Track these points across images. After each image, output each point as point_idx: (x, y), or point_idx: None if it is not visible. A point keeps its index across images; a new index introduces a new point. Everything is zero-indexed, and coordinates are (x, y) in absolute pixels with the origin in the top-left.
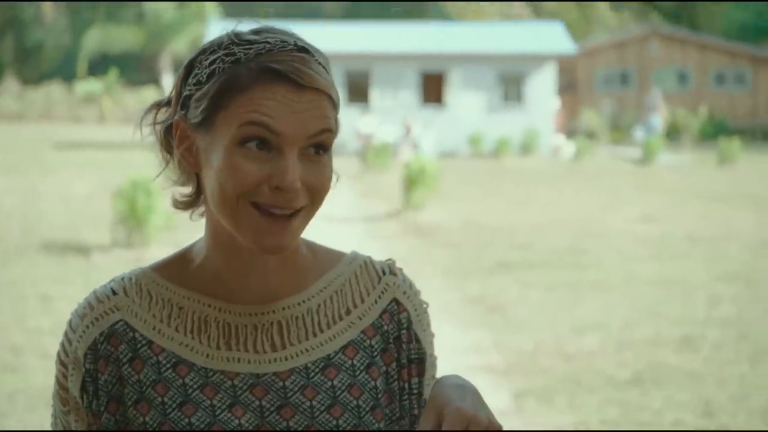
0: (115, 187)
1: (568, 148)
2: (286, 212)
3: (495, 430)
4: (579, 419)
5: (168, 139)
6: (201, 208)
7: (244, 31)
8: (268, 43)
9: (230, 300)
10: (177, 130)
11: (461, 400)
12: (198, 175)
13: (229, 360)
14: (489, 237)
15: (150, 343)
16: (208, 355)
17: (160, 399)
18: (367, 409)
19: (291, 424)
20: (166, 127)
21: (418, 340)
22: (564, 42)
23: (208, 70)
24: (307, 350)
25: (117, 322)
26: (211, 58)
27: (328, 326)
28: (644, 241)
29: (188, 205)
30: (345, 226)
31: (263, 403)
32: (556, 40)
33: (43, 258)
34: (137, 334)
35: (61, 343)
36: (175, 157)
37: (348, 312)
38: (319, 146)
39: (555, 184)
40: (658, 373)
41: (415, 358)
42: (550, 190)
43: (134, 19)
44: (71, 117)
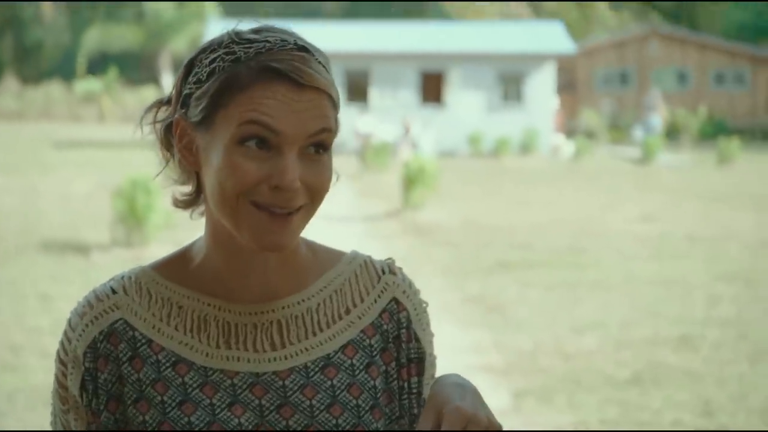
0: (115, 186)
1: (568, 147)
2: (285, 211)
3: (494, 430)
4: (578, 419)
5: (168, 137)
6: (201, 207)
7: (245, 30)
8: (269, 42)
9: (230, 299)
10: (177, 129)
11: (460, 399)
12: (198, 174)
13: (228, 359)
14: (488, 236)
15: (150, 341)
16: (207, 354)
17: (159, 398)
18: (367, 409)
19: (290, 423)
20: (167, 125)
21: (418, 340)
22: (563, 41)
23: (208, 69)
24: (307, 349)
25: (117, 321)
26: (212, 57)
27: (328, 325)
28: (644, 241)
29: (188, 204)
30: (344, 226)
31: (263, 402)
32: (556, 39)
33: (42, 257)
34: (137, 333)
35: (61, 342)
36: (176, 156)
37: (348, 311)
38: (319, 145)
39: (554, 184)
40: (657, 373)
41: (415, 357)
42: (550, 189)
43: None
44: (71, 116)
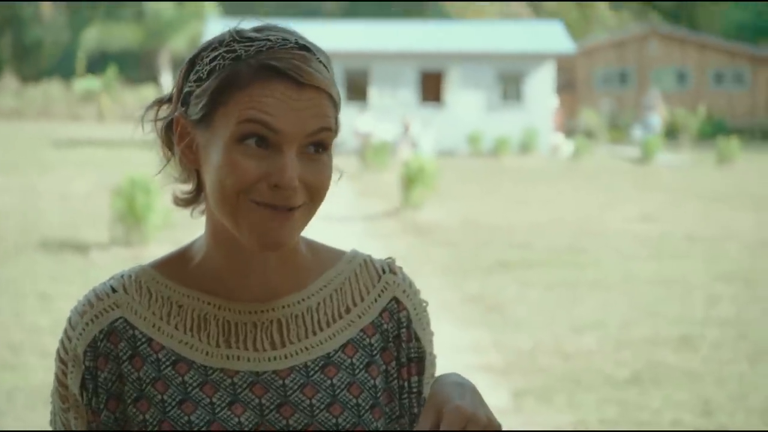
0: (114, 185)
1: (567, 147)
2: (285, 207)
3: (494, 429)
4: (578, 418)
5: (169, 135)
6: (201, 205)
7: (246, 28)
8: (269, 40)
9: (230, 298)
10: (177, 127)
11: (460, 399)
12: (198, 172)
13: (228, 358)
14: (488, 236)
15: (150, 340)
16: (207, 353)
17: (159, 397)
18: (367, 408)
19: (290, 422)
20: (167, 123)
21: (418, 339)
22: (563, 41)
23: (208, 67)
24: (307, 348)
25: (117, 320)
26: (212, 55)
27: (328, 324)
28: (643, 241)
29: (188, 203)
30: (344, 225)
31: (263, 401)
32: (556, 39)
33: (41, 256)
34: (137, 332)
35: (61, 341)
36: (176, 154)
37: (348, 310)
38: (319, 145)
39: (554, 183)
40: (656, 373)
41: (415, 356)
42: (549, 189)
43: (133, 17)
44: (70, 115)
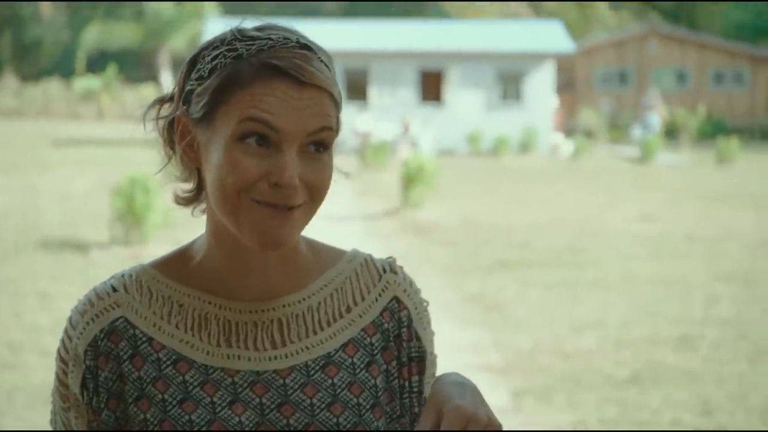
0: (114, 184)
1: (567, 146)
2: (285, 206)
3: (494, 429)
4: (577, 418)
5: (170, 134)
6: (202, 204)
7: (248, 27)
8: (271, 39)
9: (230, 297)
10: (179, 125)
11: (461, 398)
12: (199, 171)
13: (229, 357)
14: (487, 235)
15: (150, 340)
16: (208, 353)
17: (160, 396)
18: (368, 407)
19: (291, 421)
20: (169, 122)
21: (419, 339)
22: (563, 41)
23: (210, 66)
24: (308, 348)
25: (117, 319)
26: (214, 54)
27: (329, 324)
28: (643, 240)
29: (189, 201)
30: (343, 225)
31: (263, 400)
32: (555, 38)
33: (41, 255)
34: (137, 331)
35: (61, 340)
36: (177, 153)
37: (348, 310)
38: (319, 144)
39: (553, 183)
40: (656, 373)
41: (416, 356)
42: (549, 188)
43: (133, 16)
44: (69, 114)
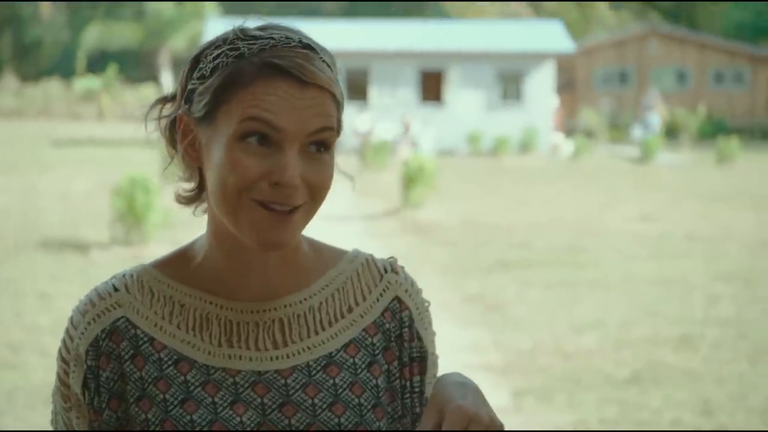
0: (114, 184)
1: (567, 146)
2: (285, 208)
3: (496, 429)
4: (578, 418)
5: (173, 133)
6: (204, 204)
7: (251, 27)
8: (273, 39)
9: (232, 297)
10: (180, 125)
11: (462, 398)
12: (201, 170)
13: (230, 357)
14: (488, 235)
15: (152, 340)
16: (209, 353)
17: (161, 396)
18: (369, 408)
19: (292, 422)
20: (171, 121)
21: (420, 339)
22: (563, 41)
23: (212, 65)
24: (309, 348)
25: (119, 319)
26: (216, 53)
27: (330, 324)
28: (643, 240)
29: (191, 201)
30: (343, 225)
31: (265, 400)
32: (556, 38)
33: (41, 255)
34: (139, 331)
35: (63, 340)
36: (179, 152)
37: (350, 310)
38: (320, 144)
39: (554, 183)
40: (656, 372)
41: (417, 356)
42: (549, 188)
43: (133, 16)
44: (70, 114)
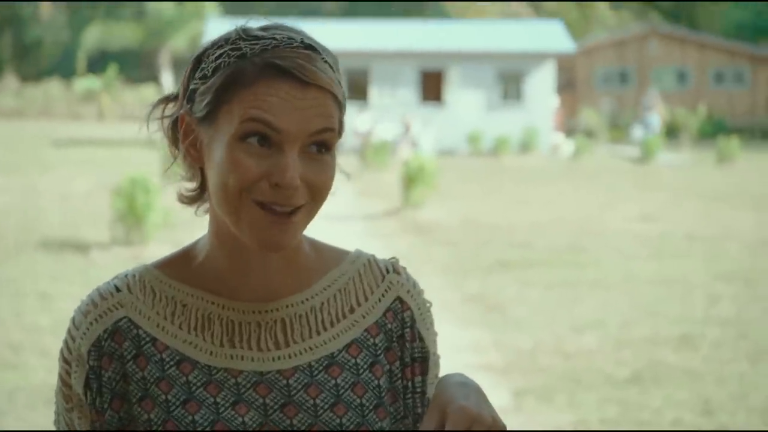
0: (114, 184)
1: (567, 146)
2: (286, 209)
3: (499, 429)
4: (578, 418)
5: (175, 133)
6: (206, 204)
7: (253, 27)
8: (275, 39)
9: (233, 297)
10: (182, 124)
11: (465, 399)
12: (202, 170)
13: (232, 357)
14: (488, 235)
15: (154, 340)
16: (211, 353)
17: (163, 396)
18: (371, 408)
19: (294, 422)
20: (173, 121)
21: (422, 339)
22: (563, 40)
23: (214, 65)
24: (311, 348)
25: (121, 319)
26: (218, 53)
27: (332, 324)
28: (643, 240)
29: (193, 200)
30: (344, 225)
31: (267, 401)
32: (556, 38)
33: (41, 255)
34: (141, 331)
35: (65, 340)
36: (181, 152)
37: (351, 310)
38: (321, 145)
39: (554, 183)
40: (657, 372)
41: (419, 356)
42: (549, 188)
43: (133, 16)
44: (70, 114)
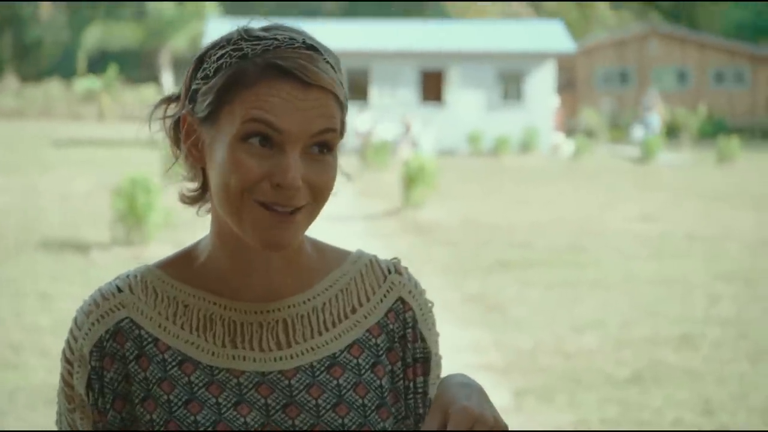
0: (115, 184)
1: (568, 146)
2: (287, 209)
3: (501, 429)
4: (579, 418)
5: (177, 133)
6: (208, 204)
7: (254, 27)
8: (277, 39)
9: (235, 298)
10: (184, 124)
11: (467, 399)
12: (204, 170)
13: (234, 358)
14: (488, 235)
15: (156, 340)
16: (213, 353)
17: (165, 397)
18: (373, 408)
19: (296, 422)
20: (175, 121)
21: (424, 339)
22: (563, 40)
23: (215, 65)
24: (313, 349)
25: (123, 320)
26: (220, 53)
27: (334, 325)
28: (643, 240)
29: (195, 201)
30: (344, 225)
31: (269, 401)
32: (556, 38)
33: (42, 256)
34: (143, 332)
35: (67, 341)
36: (182, 152)
37: (353, 311)
38: (323, 145)
39: (554, 183)
40: (657, 372)
41: (421, 357)
42: (550, 188)
43: (134, 16)
44: (70, 114)
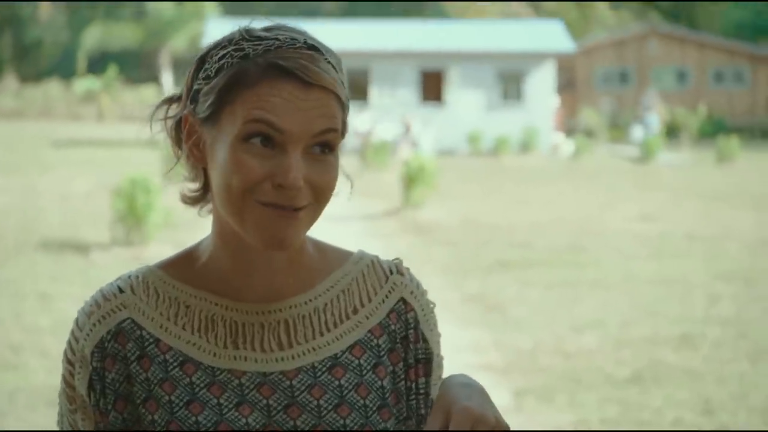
0: (114, 185)
1: (567, 146)
2: (289, 208)
3: (502, 430)
4: (579, 418)
5: (178, 134)
6: (209, 204)
7: (256, 27)
8: (278, 39)
9: (237, 298)
10: (185, 125)
11: (468, 400)
12: (206, 171)
13: (236, 359)
14: (488, 235)
15: (157, 341)
16: (215, 354)
17: (167, 397)
18: (374, 409)
19: (298, 423)
20: (177, 121)
21: (425, 340)
22: (563, 40)
23: (217, 65)
24: (314, 349)
25: (124, 320)
26: (221, 53)
27: (335, 325)
28: (643, 240)
29: (196, 201)
30: (344, 225)
31: (270, 402)
32: (556, 38)
33: (42, 256)
34: (144, 332)
35: (68, 341)
36: (184, 152)
37: (355, 311)
38: (325, 145)
39: (554, 183)
40: (657, 372)
41: (422, 358)
42: (549, 188)
43: (133, 16)
44: (70, 114)
